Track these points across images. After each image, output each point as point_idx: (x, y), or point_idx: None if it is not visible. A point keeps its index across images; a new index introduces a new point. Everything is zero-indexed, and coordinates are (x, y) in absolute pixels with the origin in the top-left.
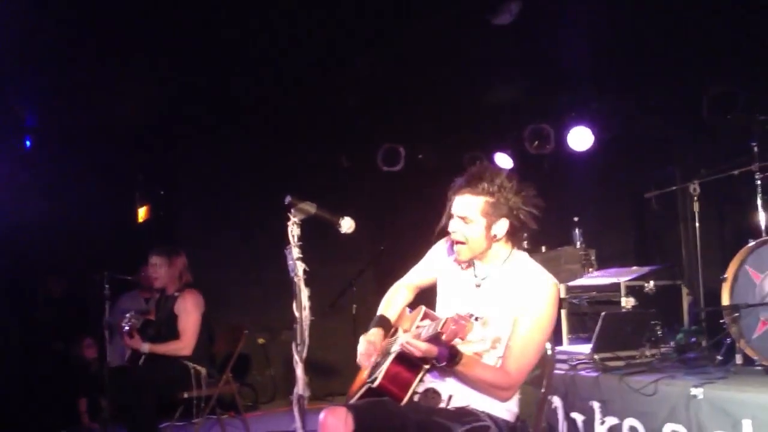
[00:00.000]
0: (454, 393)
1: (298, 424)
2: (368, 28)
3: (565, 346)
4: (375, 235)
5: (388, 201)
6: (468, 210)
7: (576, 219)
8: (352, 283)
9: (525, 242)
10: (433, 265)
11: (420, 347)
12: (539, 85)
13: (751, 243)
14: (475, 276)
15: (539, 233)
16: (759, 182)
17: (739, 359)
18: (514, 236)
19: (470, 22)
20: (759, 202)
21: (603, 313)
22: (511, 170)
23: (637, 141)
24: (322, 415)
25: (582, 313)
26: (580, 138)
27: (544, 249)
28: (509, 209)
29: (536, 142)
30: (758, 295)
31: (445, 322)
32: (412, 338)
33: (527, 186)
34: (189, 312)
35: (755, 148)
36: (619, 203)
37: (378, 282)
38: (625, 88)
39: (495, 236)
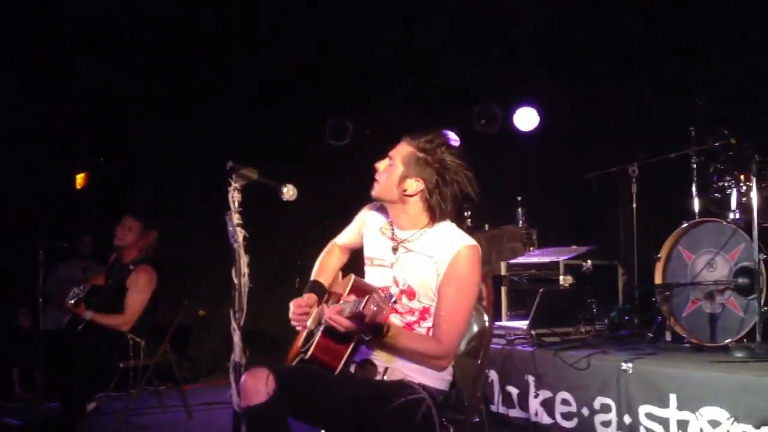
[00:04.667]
0: (390, 365)
1: (234, 391)
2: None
3: (504, 322)
4: (321, 208)
5: (334, 175)
6: (396, 152)
7: (519, 198)
8: (296, 257)
9: (468, 220)
10: (358, 227)
11: (342, 324)
12: (489, 65)
13: (685, 225)
14: (393, 239)
15: (482, 211)
16: (695, 166)
17: (668, 336)
18: (429, 205)
19: None
20: (694, 185)
21: (541, 290)
22: (464, 151)
23: (581, 123)
24: (243, 377)
25: (522, 290)
26: (526, 119)
27: (487, 227)
28: (429, 174)
29: (483, 121)
30: (689, 275)
31: (366, 303)
32: (334, 314)
33: (465, 168)
34: (139, 289)
35: (693, 133)
36: (561, 184)
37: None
38: (572, 70)
39: (405, 191)
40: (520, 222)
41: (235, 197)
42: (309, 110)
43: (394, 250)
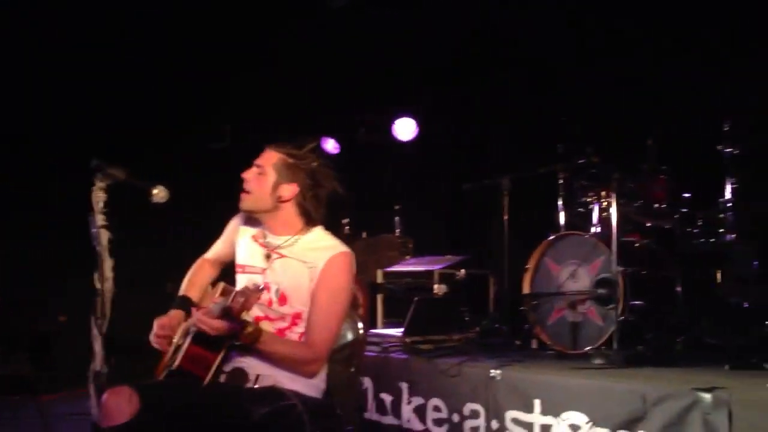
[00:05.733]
0: (261, 372)
1: (93, 402)
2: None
3: (379, 330)
4: (197, 211)
5: (211, 178)
6: (265, 161)
7: (396, 207)
8: (169, 264)
9: (347, 228)
10: (229, 238)
11: (212, 324)
12: (369, 73)
13: (551, 237)
14: (266, 246)
15: (360, 219)
16: (561, 181)
17: (534, 344)
18: (303, 209)
19: (306, 4)
20: (560, 200)
21: (415, 299)
22: (329, 154)
23: (458, 135)
24: (104, 396)
25: (397, 297)
26: (405, 129)
27: (364, 235)
28: (302, 178)
29: (364, 130)
30: (555, 285)
31: (234, 296)
32: (202, 315)
33: (331, 170)
34: None
35: (560, 150)
36: (438, 194)
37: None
38: (450, 83)
39: (281, 197)
40: (397, 230)
41: (99, 197)
42: (187, 113)
43: (267, 256)
